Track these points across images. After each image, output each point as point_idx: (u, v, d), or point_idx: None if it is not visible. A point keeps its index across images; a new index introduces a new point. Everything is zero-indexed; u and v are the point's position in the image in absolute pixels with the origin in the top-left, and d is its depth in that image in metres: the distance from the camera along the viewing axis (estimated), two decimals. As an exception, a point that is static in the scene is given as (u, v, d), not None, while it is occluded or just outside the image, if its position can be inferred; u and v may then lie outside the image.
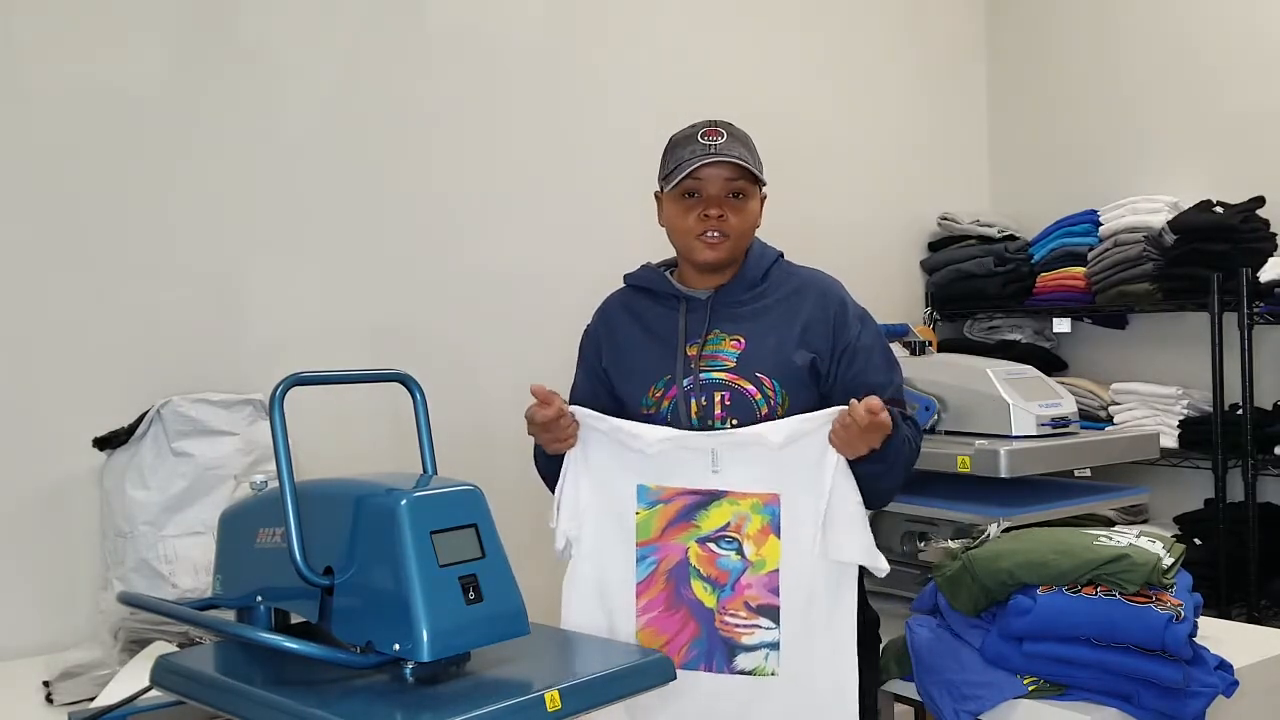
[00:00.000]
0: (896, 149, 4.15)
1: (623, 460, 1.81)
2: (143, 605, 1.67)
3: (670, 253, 2.03)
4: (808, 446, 1.74)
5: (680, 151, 1.89)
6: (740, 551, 1.76)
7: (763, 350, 1.87)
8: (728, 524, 1.77)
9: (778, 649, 1.74)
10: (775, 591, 1.75)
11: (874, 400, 1.70)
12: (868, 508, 1.78)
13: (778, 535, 1.75)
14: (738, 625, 1.76)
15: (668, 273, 2.01)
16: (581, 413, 1.83)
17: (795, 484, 1.75)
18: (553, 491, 1.91)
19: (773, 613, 1.75)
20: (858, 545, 1.74)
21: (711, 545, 1.77)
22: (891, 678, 2.05)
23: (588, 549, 1.83)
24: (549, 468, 1.90)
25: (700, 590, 1.77)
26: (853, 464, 1.75)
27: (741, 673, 1.75)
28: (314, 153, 2.83)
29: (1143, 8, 3.96)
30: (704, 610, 1.77)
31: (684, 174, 1.87)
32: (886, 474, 1.81)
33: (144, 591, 2.18)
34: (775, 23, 3.81)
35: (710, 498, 1.78)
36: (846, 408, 1.71)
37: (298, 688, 1.35)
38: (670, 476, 1.79)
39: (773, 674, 1.74)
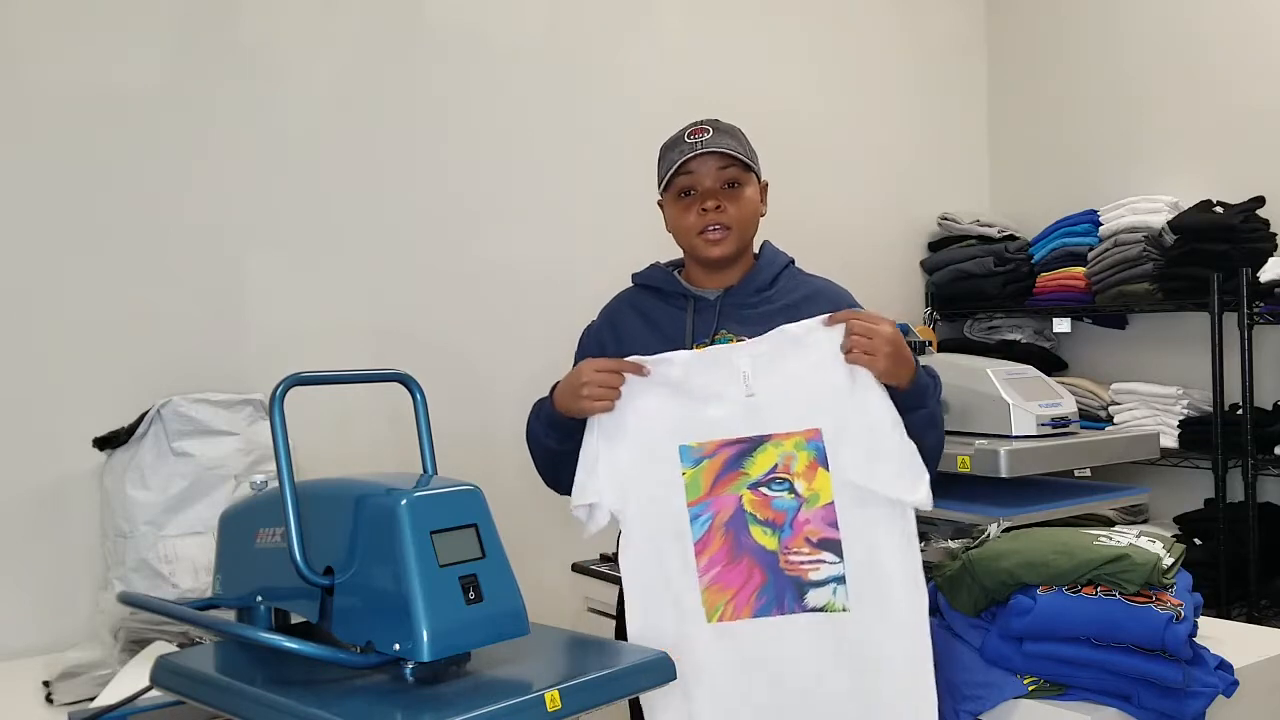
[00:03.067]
0: (896, 149, 4.15)
1: (661, 423, 1.78)
2: (143, 605, 1.67)
3: (678, 253, 2.03)
4: (834, 371, 1.73)
5: (670, 154, 1.92)
6: (793, 490, 1.74)
7: None
8: (775, 466, 1.75)
9: (844, 583, 1.72)
10: (834, 525, 1.73)
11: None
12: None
13: (826, 468, 1.73)
14: (802, 562, 1.74)
15: (675, 272, 2.01)
16: (651, 360, 1.77)
17: (834, 415, 1.73)
18: (536, 461, 1.91)
19: (835, 546, 1.73)
20: (910, 479, 1.71)
21: (763, 489, 1.75)
22: (892, 677, 2.05)
23: (637, 520, 1.79)
24: (550, 439, 1.86)
25: (760, 535, 1.76)
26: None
27: (814, 610, 1.73)
28: (314, 152, 2.83)
29: (1143, 7, 3.96)
30: (767, 554, 1.75)
31: (674, 170, 1.89)
32: (930, 423, 1.81)
33: (144, 591, 2.18)
34: (776, 22, 3.81)
35: (754, 444, 1.76)
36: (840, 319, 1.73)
37: (298, 688, 1.35)
38: (709, 429, 1.76)
39: (844, 609, 1.72)
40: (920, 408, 1.78)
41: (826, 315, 1.74)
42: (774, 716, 1.74)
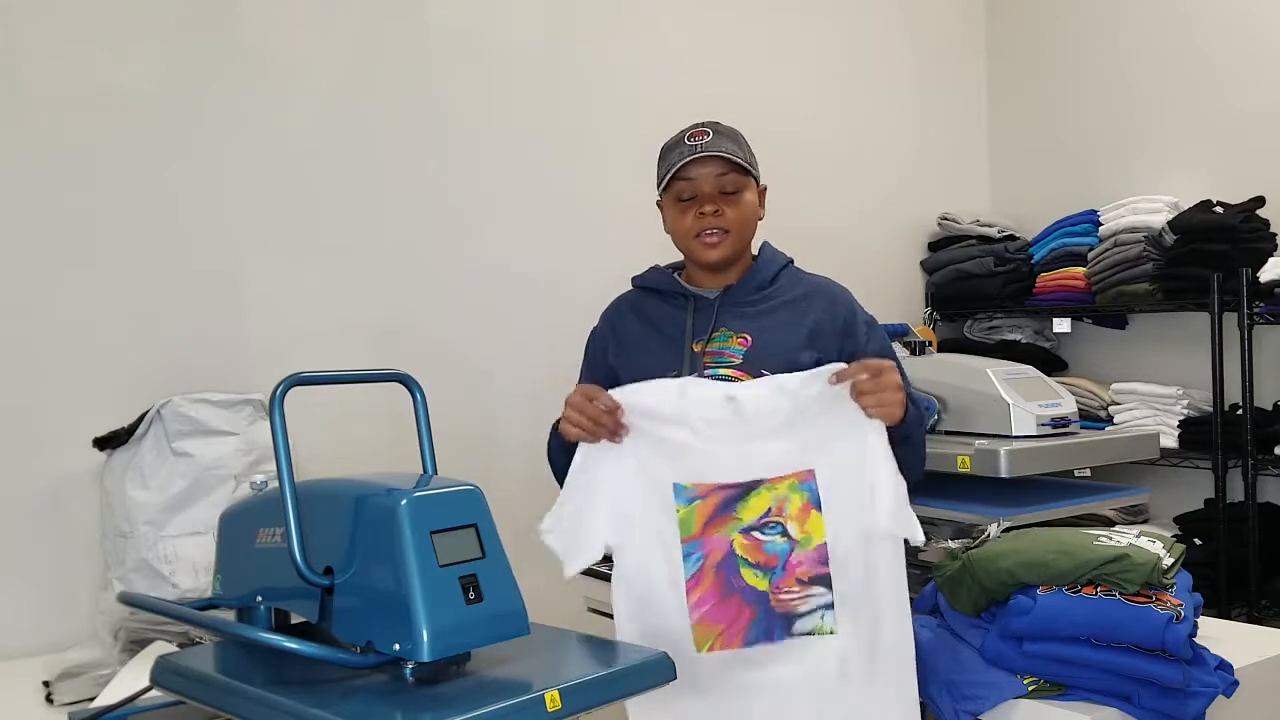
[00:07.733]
0: (896, 149, 4.15)
1: (658, 457, 1.77)
2: (143, 605, 1.67)
3: (678, 255, 2.03)
4: (830, 414, 1.72)
5: (670, 156, 1.93)
6: (785, 533, 1.74)
7: (769, 348, 1.87)
8: (769, 510, 1.75)
9: (833, 608, 1.73)
10: (825, 562, 1.73)
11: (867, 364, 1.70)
12: None
13: (819, 509, 1.73)
14: (793, 599, 1.74)
15: (675, 274, 2.02)
16: (625, 393, 1.76)
17: (827, 456, 1.73)
18: (556, 476, 1.90)
19: (825, 579, 1.74)
20: (905, 514, 1.73)
21: (756, 534, 1.75)
22: (892, 677, 2.05)
23: (633, 554, 1.79)
24: (563, 457, 1.86)
25: (751, 577, 1.76)
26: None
27: (802, 634, 1.74)
28: (315, 152, 2.83)
29: (1143, 7, 3.96)
30: (758, 594, 1.75)
31: (672, 174, 1.89)
32: (913, 458, 1.81)
33: (144, 591, 2.18)
34: (776, 23, 3.81)
35: (747, 489, 1.75)
36: (848, 376, 1.69)
37: (298, 688, 1.35)
38: (702, 471, 1.76)
39: (832, 632, 1.73)
40: (907, 440, 1.78)
41: (828, 370, 1.71)
42: None
